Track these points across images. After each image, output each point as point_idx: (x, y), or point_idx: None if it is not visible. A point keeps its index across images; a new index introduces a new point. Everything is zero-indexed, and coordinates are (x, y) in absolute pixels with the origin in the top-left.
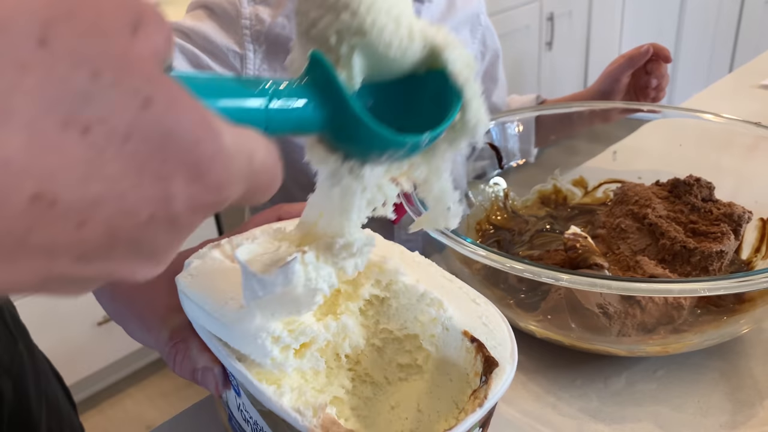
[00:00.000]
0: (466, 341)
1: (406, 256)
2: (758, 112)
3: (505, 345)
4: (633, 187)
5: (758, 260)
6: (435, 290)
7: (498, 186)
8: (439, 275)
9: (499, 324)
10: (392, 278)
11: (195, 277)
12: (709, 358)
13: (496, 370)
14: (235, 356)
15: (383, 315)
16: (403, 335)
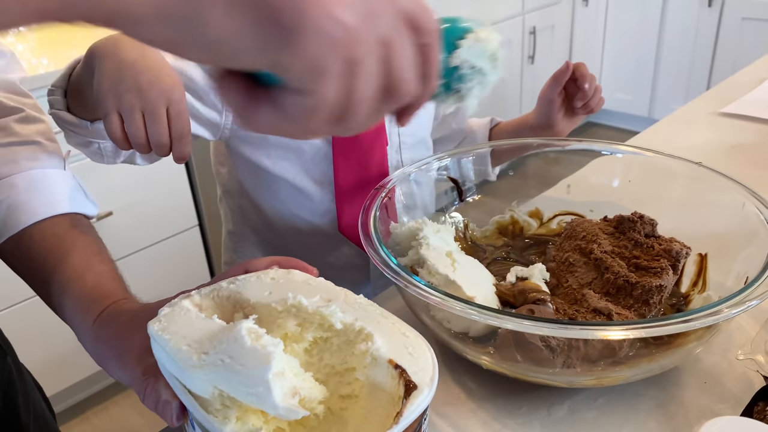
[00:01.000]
0: (391, 368)
1: (350, 299)
2: (716, 139)
3: (426, 371)
4: (581, 222)
5: (695, 294)
6: (370, 326)
7: (456, 218)
8: (377, 314)
9: (424, 353)
10: (332, 320)
11: (162, 323)
12: (647, 388)
13: (414, 392)
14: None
15: (326, 351)
16: (344, 369)
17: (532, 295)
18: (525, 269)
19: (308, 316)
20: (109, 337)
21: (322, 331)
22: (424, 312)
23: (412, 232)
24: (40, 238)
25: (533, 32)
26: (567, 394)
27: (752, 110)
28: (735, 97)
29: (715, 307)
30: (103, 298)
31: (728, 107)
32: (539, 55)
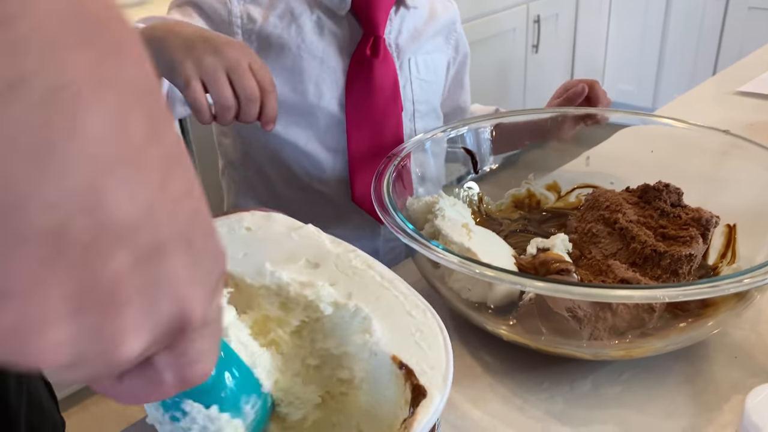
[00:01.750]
0: (395, 367)
1: (342, 261)
2: (733, 119)
3: (438, 367)
4: (604, 192)
5: (724, 266)
6: (368, 302)
7: (472, 190)
8: (377, 281)
9: (435, 338)
10: (320, 306)
11: None
12: (674, 362)
13: (423, 402)
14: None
15: (319, 333)
16: (341, 352)
17: (555, 265)
18: (546, 240)
19: (287, 301)
20: None
21: (310, 311)
22: (440, 282)
23: (428, 205)
24: None
25: (537, 21)
26: (590, 369)
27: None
28: (745, 79)
29: (752, 272)
30: None
31: (745, 86)
32: (543, 44)
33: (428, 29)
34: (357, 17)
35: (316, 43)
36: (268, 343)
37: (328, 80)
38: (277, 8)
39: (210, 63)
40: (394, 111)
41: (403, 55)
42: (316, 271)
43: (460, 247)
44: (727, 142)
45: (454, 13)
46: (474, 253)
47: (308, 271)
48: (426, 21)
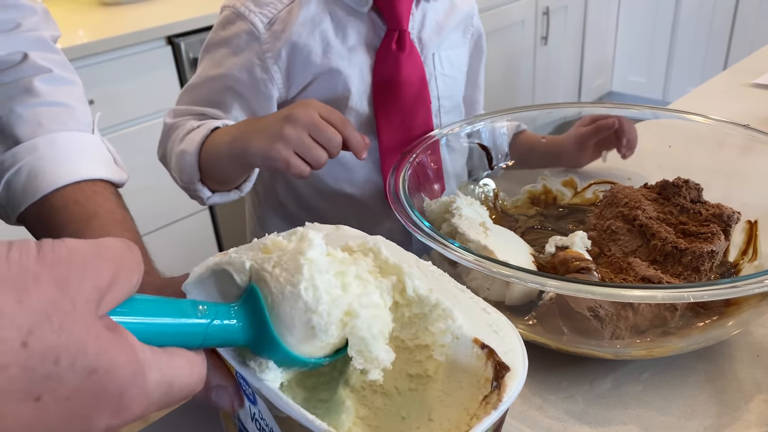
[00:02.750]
0: (477, 348)
1: (422, 265)
2: (749, 111)
3: (515, 351)
4: (622, 189)
5: (745, 263)
6: (447, 300)
7: (487, 186)
8: (452, 285)
9: (510, 332)
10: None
11: (202, 282)
12: (695, 361)
13: (509, 374)
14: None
15: (396, 323)
16: (414, 345)
17: (575, 264)
18: (565, 238)
19: (386, 267)
20: None
21: (395, 294)
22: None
23: (446, 205)
24: (60, 205)
25: (546, 13)
26: (610, 368)
27: None
28: (759, 72)
29: None
30: None
31: (761, 78)
32: (552, 36)
33: (449, 22)
34: (379, 13)
35: (341, 43)
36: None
37: (355, 79)
38: (298, 16)
39: (292, 134)
40: (423, 105)
41: (426, 50)
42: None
43: (477, 245)
44: (747, 136)
45: (472, 5)
46: (491, 251)
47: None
48: (447, 13)
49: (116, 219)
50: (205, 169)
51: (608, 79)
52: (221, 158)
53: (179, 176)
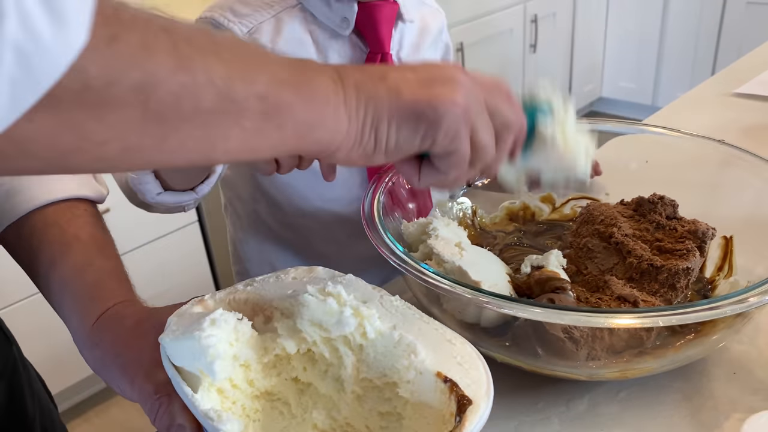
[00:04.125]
0: (440, 382)
1: (386, 301)
2: (732, 122)
3: (480, 382)
4: (598, 206)
5: (720, 279)
6: (411, 334)
7: (465, 204)
8: (417, 318)
9: (475, 362)
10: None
11: (175, 333)
12: (672, 380)
13: (470, 408)
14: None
15: (363, 363)
16: (383, 383)
17: (551, 283)
18: (540, 257)
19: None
20: (111, 343)
21: (357, 337)
22: (435, 303)
23: (422, 227)
24: (41, 226)
25: (534, 20)
26: (586, 388)
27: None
28: (746, 78)
29: (752, 290)
30: (104, 298)
31: (742, 87)
32: (541, 43)
33: (424, 42)
34: (361, 36)
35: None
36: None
37: None
38: (282, 34)
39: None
40: None
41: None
42: (365, 305)
43: (452, 266)
44: (722, 151)
45: (441, 21)
46: (465, 271)
47: (357, 303)
48: (421, 32)
49: (98, 244)
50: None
51: (598, 85)
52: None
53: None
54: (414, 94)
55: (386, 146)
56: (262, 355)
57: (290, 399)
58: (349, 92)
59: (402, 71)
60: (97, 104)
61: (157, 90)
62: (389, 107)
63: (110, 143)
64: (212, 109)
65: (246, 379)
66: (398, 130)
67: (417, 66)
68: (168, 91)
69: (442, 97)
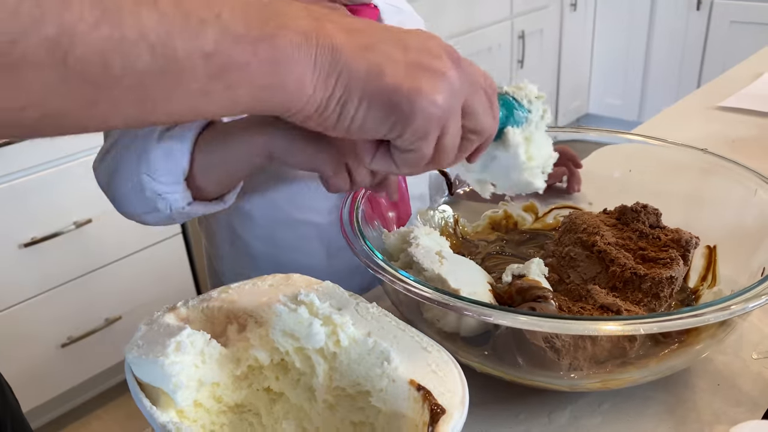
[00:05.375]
0: (413, 390)
1: (362, 308)
2: (716, 134)
3: (454, 391)
4: (581, 214)
5: (704, 288)
6: (386, 341)
7: (446, 213)
8: (393, 325)
9: (451, 370)
10: (339, 334)
11: (140, 348)
12: (655, 391)
13: (443, 417)
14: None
15: (335, 371)
16: (356, 392)
17: (532, 292)
18: (521, 266)
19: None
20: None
21: (330, 345)
22: (415, 312)
23: (403, 236)
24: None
25: (522, 36)
26: (569, 399)
27: (751, 103)
28: (730, 93)
29: (735, 297)
30: None
31: (726, 101)
32: (528, 59)
33: None
34: None
35: None
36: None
37: None
38: None
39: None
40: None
41: None
42: (339, 312)
43: (431, 273)
44: (705, 160)
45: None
46: (444, 279)
47: (331, 310)
48: None
49: None
50: (200, 166)
51: (585, 101)
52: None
53: (149, 178)
54: (396, 81)
55: (349, 124)
56: (233, 368)
57: (261, 410)
58: (321, 55)
59: (392, 45)
60: (5, 65)
61: (75, 47)
62: (365, 87)
63: (29, 109)
64: (147, 70)
65: (213, 396)
66: (367, 112)
67: (410, 41)
68: (90, 49)
69: (424, 92)
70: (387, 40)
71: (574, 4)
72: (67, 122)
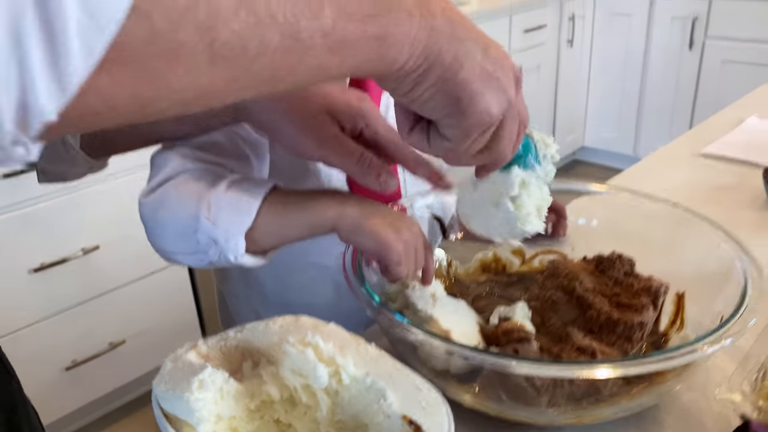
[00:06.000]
0: (406, 425)
1: (362, 349)
2: (699, 180)
3: (441, 425)
4: (562, 262)
5: (673, 332)
6: (382, 379)
7: (440, 256)
8: (390, 365)
9: (439, 407)
10: (341, 374)
11: (167, 383)
12: (627, 426)
13: None
14: None
15: (338, 406)
16: (355, 425)
17: (515, 335)
18: (507, 309)
19: (322, 359)
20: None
21: (333, 383)
22: (409, 350)
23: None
24: None
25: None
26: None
27: (731, 151)
28: (715, 137)
29: (692, 345)
30: None
31: (708, 148)
32: (526, 93)
33: None
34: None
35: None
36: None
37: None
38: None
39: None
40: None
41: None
42: (341, 353)
43: (425, 314)
44: (677, 213)
45: None
46: (436, 320)
47: (335, 351)
48: None
49: None
50: (264, 225)
51: (581, 134)
52: (294, 216)
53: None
54: (468, 78)
55: (416, 98)
56: (248, 402)
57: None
58: (420, 33)
59: (477, 46)
60: (169, 51)
61: (220, 32)
62: (443, 74)
63: (187, 90)
64: (277, 48)
65: (230, 427)
66: (434, 94)
67: (491, 49)
68: (232, 33)
69: (485, 99)
70: (475, 39)
71: (570, 41)
72: (212, 99)
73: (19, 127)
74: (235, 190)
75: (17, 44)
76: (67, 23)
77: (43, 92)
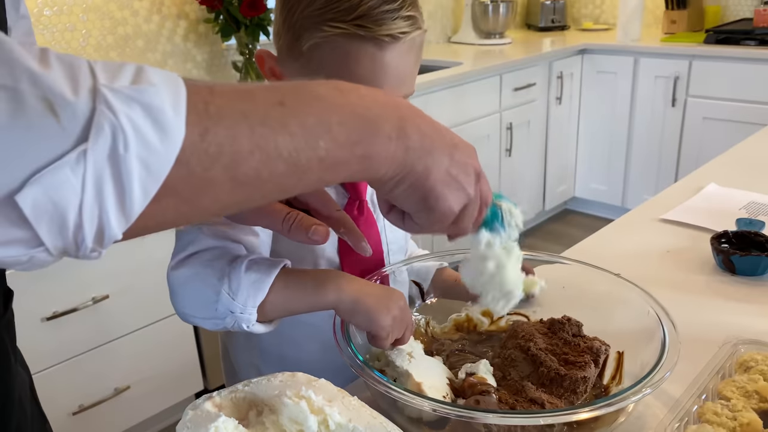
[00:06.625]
0: None
1: (346, 400)
2: (655, 243)
3: None
4: (521, 324)
5: (614, 386)
6: (361, 426)
7: (419, 317)
8: (368, 414)
9: None
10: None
11: (189, 429)
12: None
13: None
14: None
15: None
16: None
17: (479, 388)
18: (472, 365)
19: (313, 409)
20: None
21: (322, 429)
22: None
23: None
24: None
25: (510, 128)
26: None
27: (687, 217)
28: (677, 203)
29: (617, 396)
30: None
31: (667, 214)
32: (516, 148)
33: None
34: (342, 184)
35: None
36: None
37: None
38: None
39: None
40: (377, 253)
41: (377, 212)
42: (329, 404)
43: (401, 369)
44: (619, 282)
45: None
46: (410, 374)
47: (324, 402)
48: None
49: None
50: (275, 300)
51: (571, 186)
52: (301, 293)
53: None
54: (434, 184)
55: (393, 196)
56: None
57: None
58: (398, 150)
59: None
60: (201, 184)
61: (240, 167)
62: (415, 180)
63: (210, 208)
64: (283, 173)
65: None
66: (407, 195)
67: (456, 154)
68: (249, 166)
69: (448, 201)
70: (442, 147)
71: (559, 98)
72: (233, 210)
73: (96, 243)
74: (254, 271)
75: (99, 194)
76: (131, 176)
77: (114, 223)
